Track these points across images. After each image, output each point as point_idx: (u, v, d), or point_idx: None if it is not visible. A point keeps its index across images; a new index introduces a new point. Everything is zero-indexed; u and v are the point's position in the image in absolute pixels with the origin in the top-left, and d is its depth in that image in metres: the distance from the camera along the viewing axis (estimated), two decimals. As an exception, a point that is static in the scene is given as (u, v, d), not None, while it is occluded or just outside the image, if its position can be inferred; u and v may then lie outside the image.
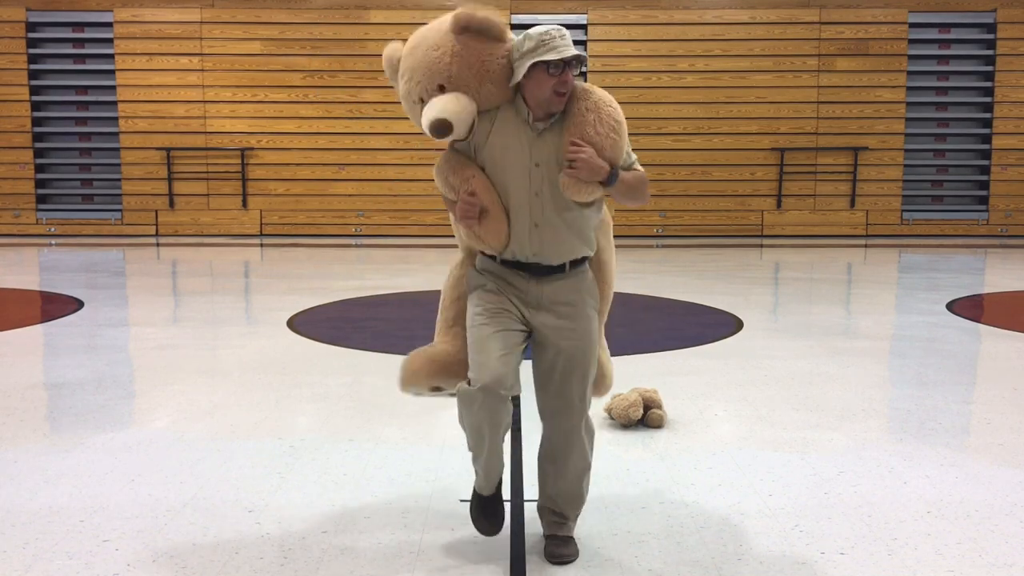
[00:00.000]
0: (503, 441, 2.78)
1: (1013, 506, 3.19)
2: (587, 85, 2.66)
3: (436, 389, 2.86)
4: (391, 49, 2.80)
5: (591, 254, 2.79)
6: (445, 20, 2.66)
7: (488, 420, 2.64)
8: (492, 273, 2.75)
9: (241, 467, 3.57)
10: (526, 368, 2.78)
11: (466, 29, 2.61)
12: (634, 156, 2.71)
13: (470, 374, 2.65)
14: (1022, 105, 14.52)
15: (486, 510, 2.83)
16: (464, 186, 2.65)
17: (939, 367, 5.44)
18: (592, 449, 2.86)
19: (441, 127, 2.55)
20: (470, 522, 2.92)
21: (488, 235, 2.67)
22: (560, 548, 2.78)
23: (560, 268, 2.70)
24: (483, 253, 2.77)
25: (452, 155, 2.72)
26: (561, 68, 2.55)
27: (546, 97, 2.58)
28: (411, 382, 2.84)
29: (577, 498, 2.85)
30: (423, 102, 2.66)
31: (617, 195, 2.67)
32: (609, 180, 2.59)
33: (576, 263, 2.73)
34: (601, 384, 2.95)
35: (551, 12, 14.26)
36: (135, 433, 4.04)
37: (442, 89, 2.62)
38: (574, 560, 2.76)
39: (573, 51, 2.55)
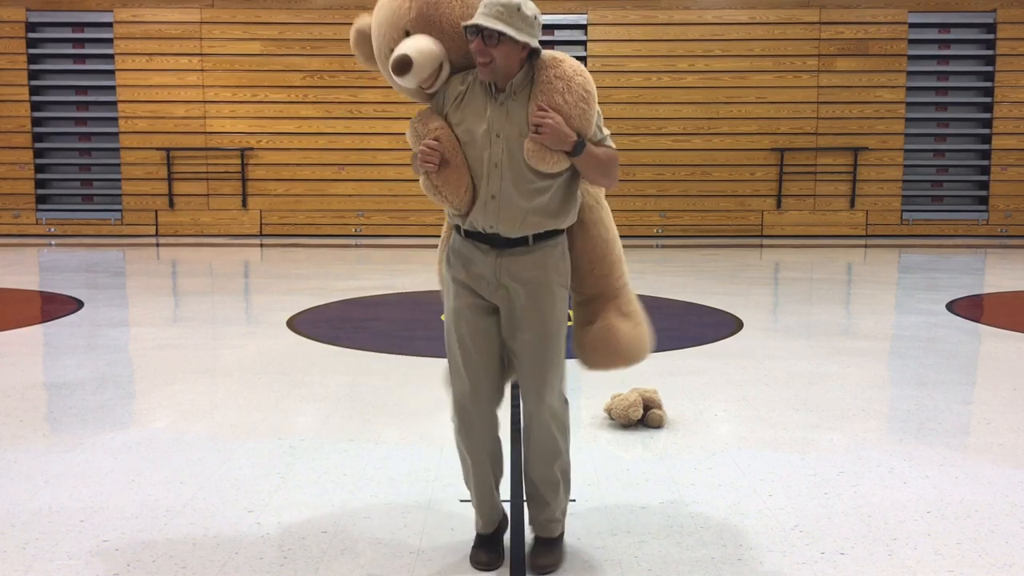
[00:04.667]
0: (494, 475, 2.77)
1: (1013, 506, 3.20)
2: (557, 54, 2.56)
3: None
4: (360, 21, 2.77)
5: (561, 227, 2.67)
6: None
7: (465, 436, 2.70)
8: (459, 255, 2.67)
9: (241, 467, 3.57)
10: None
11: None
12: (606, 132, 2.62)
13: (454, 395, 2.73)
14: (1022, 105, 14.52)
15: (482, 548, 2.81)
16: (429, 133, 2.59)
17: (939, 367, 5.44)
18: (564, 431, 2.75)
19: (401, 62, 2.49)
20: (470, 522, 2.93)
21: (445, 187, 2.57)
22: (541, 558, 2.74)
23: (522, 241, 2.61)
24: (455, 231, 2.71)
25: (425, 109, 2.66)
26: (475, 34, 2.46)
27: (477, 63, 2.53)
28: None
29: (551, 483, 2.74)
30: (392, 53, 2.60)
31: (584, 168, 2.57)
32: (575, 150, 2.50)
33: (541, 237, 2.62)
34: (614, 352, 2.83)
35: (551, 12, 14.25)
36: (135, 433, 4.03)
37: (407, 35, 2.59)
38: (557, 569, 2.71)
39: (482, 20, 2.42)
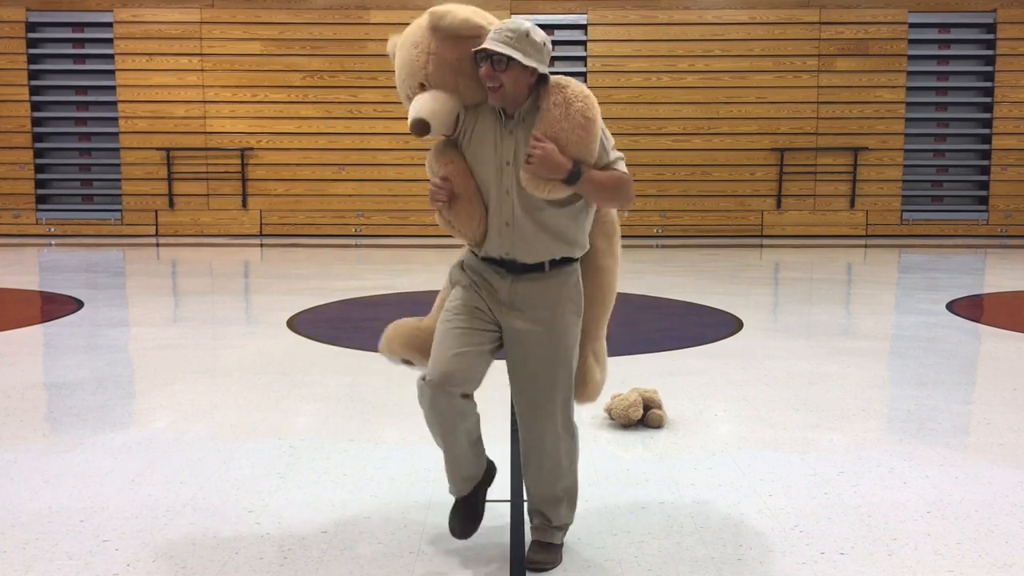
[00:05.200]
0: (469, 444, 2.72)
1: (1013, 506, 3.20)
2: (565, 79, 2.57)
3: (406, 361, 2.87)
4: (392, 41, 2.81)
5: (575, 255, 2.69)
6: (425, 15, 2.65)
7: (436, 417, 2.64)
8: (472, 269, 2.72)
9: (241, 467, 3.57)
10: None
11: (436, 30, 2.60)
12: (616, 155, 2.60)
13: (428, 368, 2.66)
14: (1022, 105, 14.52)
15: (459, 511, 2.79)
16: (441, 171, 2.63)
17: (939, 367, 5.44)
18: (572, 454, 2.75)
19: (419, 127, 2.56)
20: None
21: (458, 221, 2.63)
22: (537, 555, 2.74)
23: (538, 267, 2.63)
24: (471, 250, 2.73)
25: (442, 142, 2.70)
26: (484, 59, 2.50)
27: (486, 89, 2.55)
28: (386, 347, 2.88)
29: (554, 499, 2.75)
30: (410, 99, 2.67)
31: (586, 194, 2.57)
32: (569, 179, 2.49)
33: (557, 264, 2.65)
34: (583, 391, 2.83)
35: (551, 12, 14.26)
36: (135, 433, 4.03)
37: (423, 87, 2.62)
38: (551, 568, 2.71)
39: (491, 45, 2.46)
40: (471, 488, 2.78)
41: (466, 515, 2.77)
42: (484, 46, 2.48)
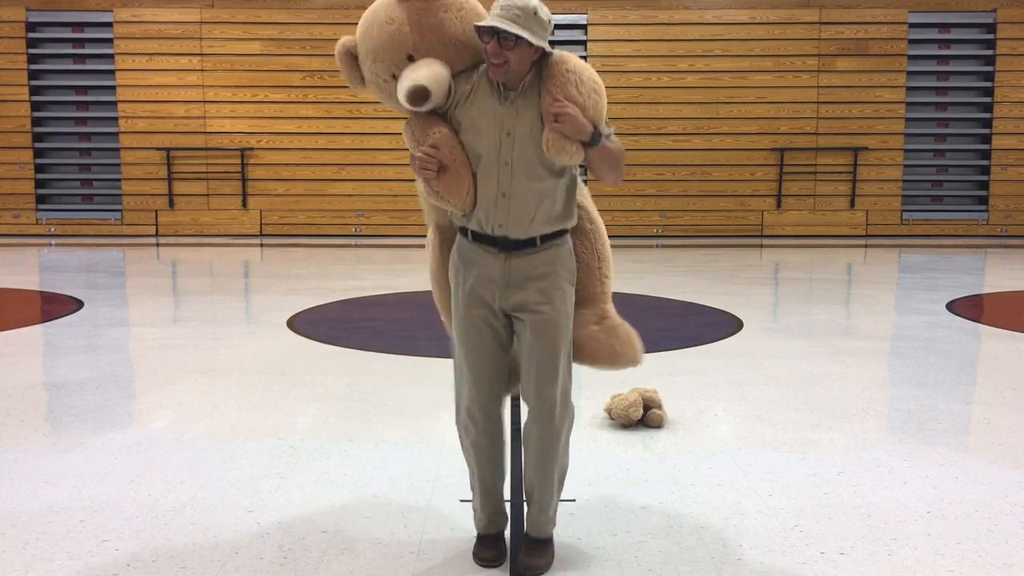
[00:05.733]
0: (499, 477, 2.79)
1: (1013, 506, 3.20)
2: (563, 53, 2.58)
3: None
4: (343, 42, 2.70)
5: (567, 226, 2.68)
6: None
7: (473, 440, 2.74)
8: (466, 259, 2.68)
9: (241, 467, 3.57)
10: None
11: None
12: (611, 128, 2.61)
13: (460, 401, 2.77)
14: (1022, 105, 14.52)
15: (484, 544, 2.82)
16: (428, 140, 2.57)
17: (939, 367, 5.44)
18: (569, 428, 2.72)
19: (418, 93, 2.47)
20: (470, 522, 2.94)
21: (446, 191, 2.57)
22: (531, 558, 2.72)
23: (530, 243, 2.62)
24: (461, 234, 2.70)
25: (423, 113, 2.63)
26: (491, 36, 2.48)
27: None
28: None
29: (549, 484, 2.71)
30: (395, 78, 2.58)
31: (598, 161, 2.57)
32: (593, 140, 2.50)
33: (548, 237, 2.63)
34: (616, 355, 2.75)
35: (551, 12, 14.22)
36: (135, 433, 4.03)
37: (411, 59, 2.56)
38: (548, 568, 2.71)
39: (499, 23, 2.44)
40: (495, 529, 2.83)
41: (492, 547, 2.80)
42: (492, 23, 2.46)
